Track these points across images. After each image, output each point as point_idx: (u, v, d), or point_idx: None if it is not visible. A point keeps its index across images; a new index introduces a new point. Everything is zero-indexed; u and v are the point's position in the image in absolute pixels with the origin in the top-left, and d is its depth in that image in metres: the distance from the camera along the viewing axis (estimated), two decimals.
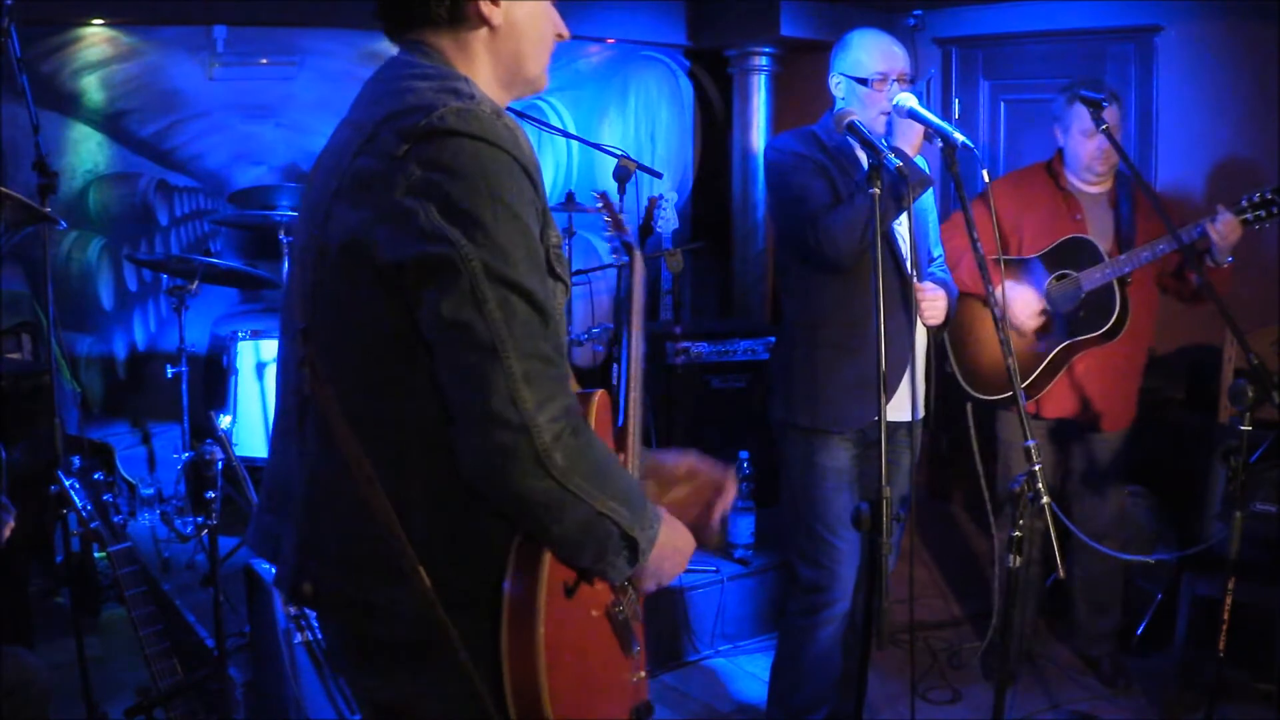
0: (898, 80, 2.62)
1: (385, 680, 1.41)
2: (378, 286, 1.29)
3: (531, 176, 1.31)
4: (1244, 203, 3.07)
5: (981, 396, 3.32)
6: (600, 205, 2.14)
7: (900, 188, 2.41)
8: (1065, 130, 3.27)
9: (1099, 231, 3.27)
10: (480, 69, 1.43)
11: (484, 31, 1.42)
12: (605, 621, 1.49)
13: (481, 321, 1.24)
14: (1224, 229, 3.00)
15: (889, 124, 2.58)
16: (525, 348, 1.25)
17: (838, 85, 2.70)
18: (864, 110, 2.60)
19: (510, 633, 1.31)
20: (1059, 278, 3.24)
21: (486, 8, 1.40)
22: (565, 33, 1.52)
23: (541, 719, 1.30)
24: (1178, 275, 3.29)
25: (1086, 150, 3.23)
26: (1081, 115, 3.19)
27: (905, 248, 2.63)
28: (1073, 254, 3.23)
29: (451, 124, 1.26)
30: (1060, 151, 3.35)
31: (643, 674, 1.62)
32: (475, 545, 1.34)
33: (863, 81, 2.63)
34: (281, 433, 1.51)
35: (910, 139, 2.54)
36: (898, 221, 2.66)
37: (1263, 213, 3.06)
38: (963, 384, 3.33)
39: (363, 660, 1.43)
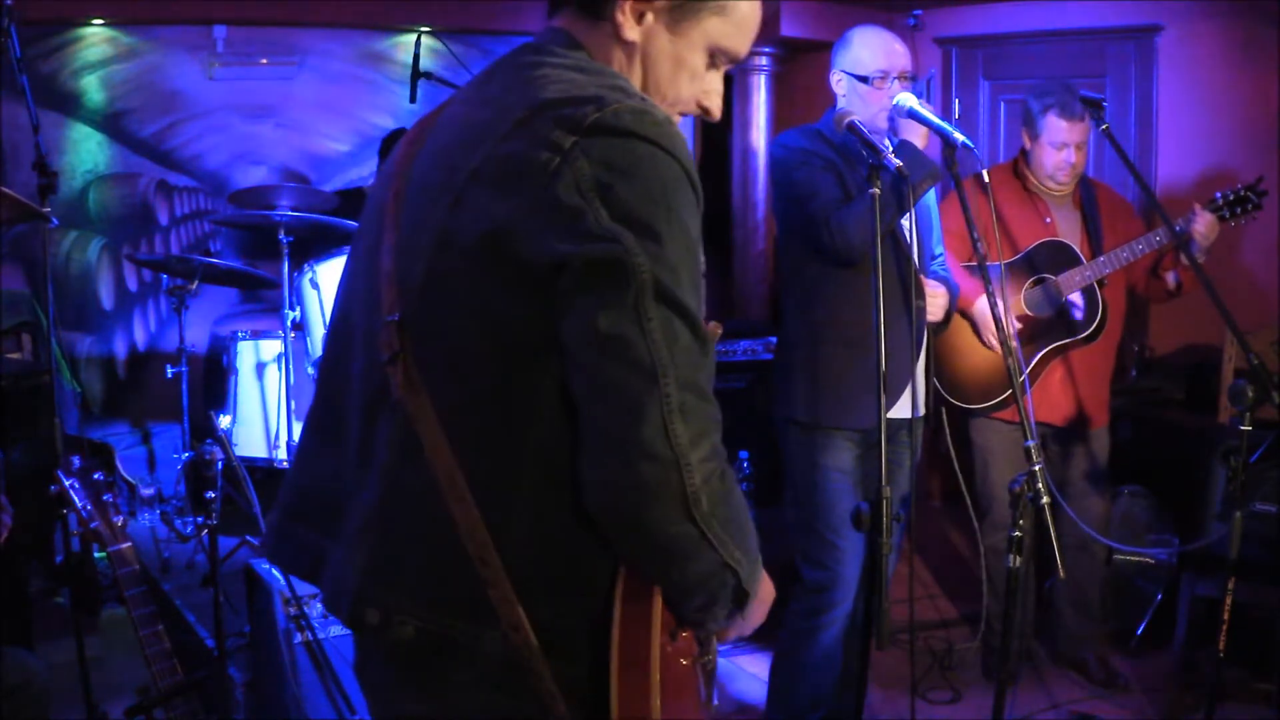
0: (899, 78, 2.62)
1: (439, 714, 1.27)
2: (517, 285, 1.16)
3: (698, 193, 1.20)
4: (1219, 199, 3.09)
5: (961, 404, 3.31)
6: None
7: (902, 186, 2.41)
8: (1035, 138, 3.24)
9: (1068, 233, 3.27)
10: None
11: (618, 49, 1.30)
12: (693, 671, 1.38)
13: (643, 341, 1.11)
14: (1204, 228, 3.03)
15: (892, 119, 2.58)
16: (684, 377, 1.13)
17: (839, 83, 2.69)
18: (865, 107, 2.60)
19: (622, 678, 1.19)
20: (1035, 282, 3.24)
21: (624, 18, 1.28)
22: (714, 112, 1.38)
23: None
24: (1153, 273, 3.30)
25: (1053, 161, 3.21)
26: (1051, 128, 3.18)
27: (913, 243, 2.63)
28: (1048, 257, 3.23)
29: (628, 123, 1.15)
30: (1024, 153, 3.34)
31: None
32: (578, 585, 1.22)
33: (863, 79, 2.63)
34: (323, 440, 1.37)
35: (916, 131, 2.54)
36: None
37: (1238, 209, 3.07)
38: (940, 390, 3.33)
39: (421, 699, 1.28)
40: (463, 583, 1.19)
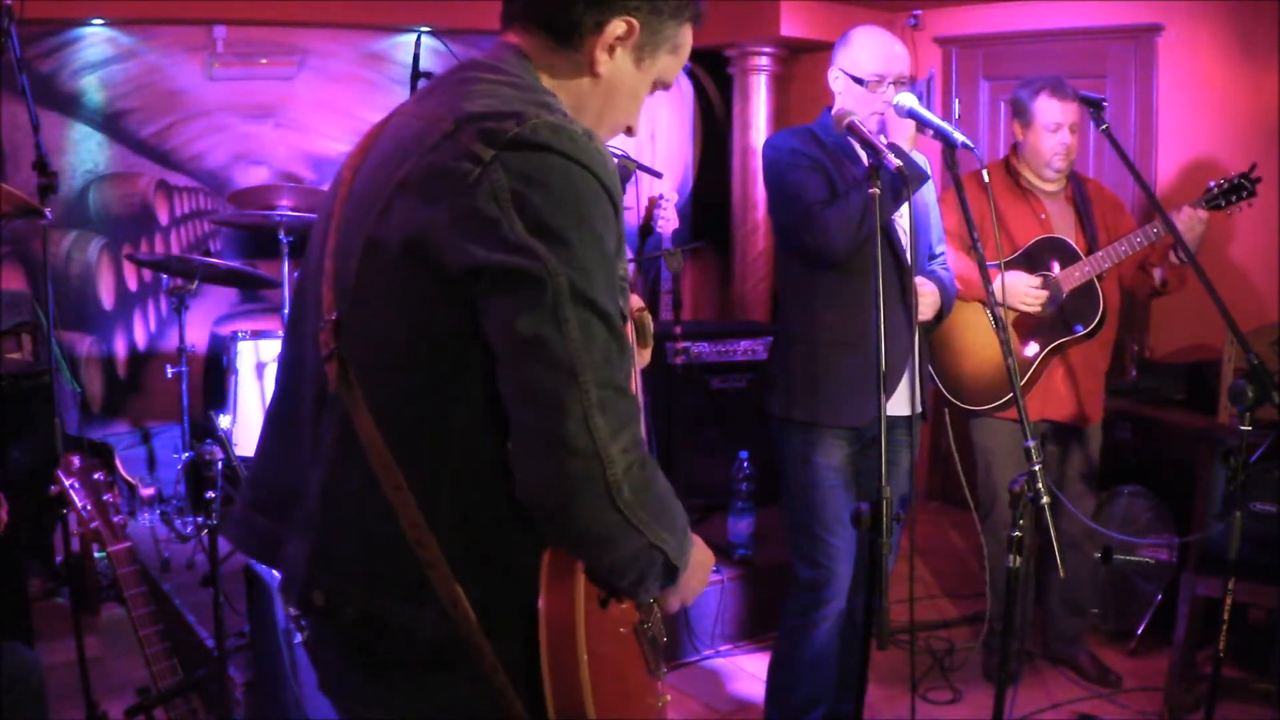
0: (895, 83, 2.62)
1: (388, 699, 1.34)
2: (439, 287, 1.22)
3: (616, 205, 1.26)
4: (1212, 188, 3.10)
5: (966, 406, 3.31)
6: None
7: (899, 184, 2.41)
8: (1027, 125, 3.24)
9: (1062, 229, 3.28)
10: (564, 101, 1.36)
11: (587, 79, 1.38)
12: (633, 639, 1.44)
13: (561, 341, 1.17)
14: (1185, 220, 3.04)
15: (882, 122, 2.58)
16: (603, 374, 1.19)
17: (835, 80, 2.70)
18: (857, 108, 2.60)
19: (551, 652, 1.25)
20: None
21: (601, 54, 1.36)
22: (635, 128, 1.48)
23: None
24: (1140, 269, 3.32)
25: (1049, 145, 3.21)
26: (1044, 109, 3.19)
27: (906, 242, 2.64)
28: (1046, 255, 3.23)
29: (545, 138, 1.21)
30: (1015, 149, 3.35)
31: (668, 698, 1.56)
32: (507, 566, 1.28)
33: (859, 80, 2.63)
34: (280, 433, 1.44)
35: (905, 134, 2.54)
36: (899, 214, 2.66)
37: (1232, 197, 3.09)
38: (944, 391, 3.32)
39: (367, 678, 1.35)
40: (402, 566, 1.26)
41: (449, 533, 1.25)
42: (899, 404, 2.66)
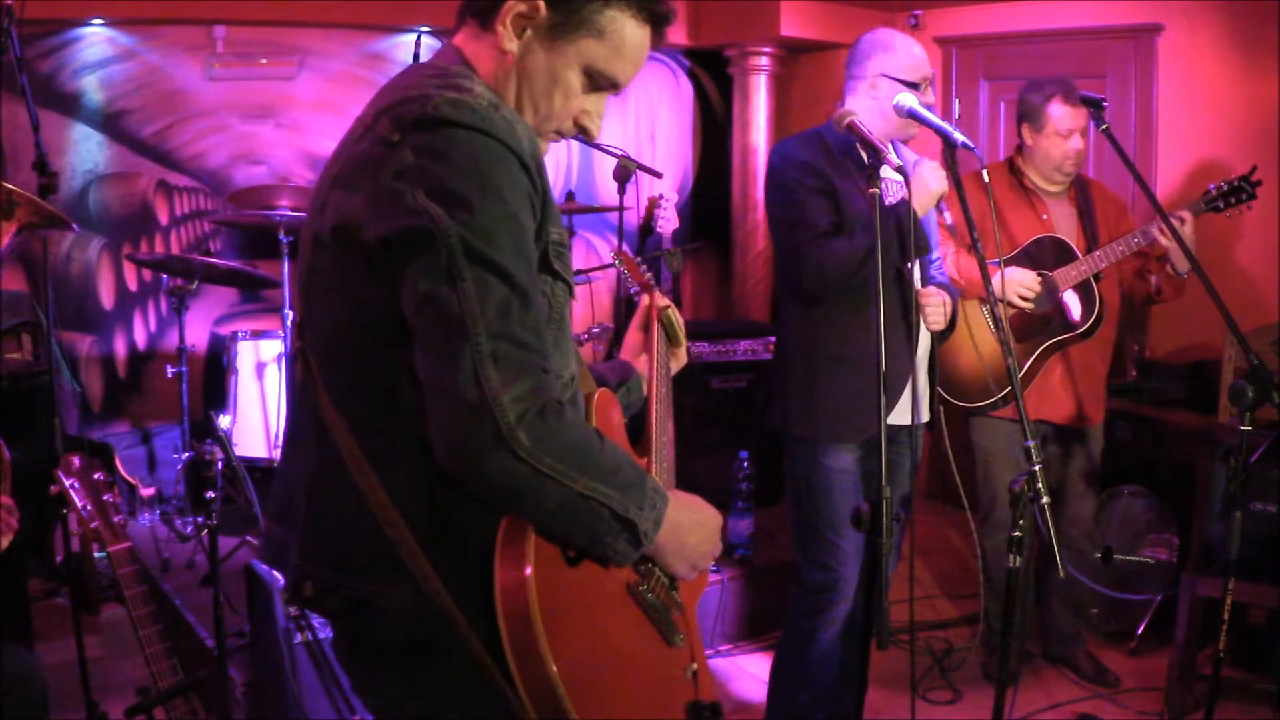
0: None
1: (396, 691, 1.37)
2: (367, 269, 1.28)
3: (528, 168, 1.29)
4: (1212, 190, 3.11)
5: (959, 403, 3.31)
6: (619, 261, 2.08)
7: (904, 223, 2.40)
8: (1038, 129, 3.24)
9: (1064, 230, 3.29)
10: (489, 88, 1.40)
11: (498, 61, 1.40)
12: (631, 601, 1.41)
13: (455, 297, 1.21)
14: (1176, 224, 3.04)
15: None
16: (496, 327, 1.21)
17: (874, 87, 2.64)
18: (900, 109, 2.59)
19: (507, 621, 1.24)
20: None
21: (504, 29, 1.37)
22: (592, 132, 1.47)
23: (555, 699, 1.23)
24: (1139, 276, 3.32)
25: (1060, 150, 3.22)
26: (1057, 116, 3.19)
27: (913, 267, 2.62)
28: (1044, 254, 3.23)
29: (445, 113, 1.26)
30: (1019, 149, 3.35)
31: (696, 667, 1.53)
32: (468, 539, 1.30)
33: (912, 85, 2.60)
34: (289, 438, 1.49)
35: (923, 199, 2.51)
36: None
37: (1232, 199, 3.10)
38: (939, 390, 3.32)
39: (370, 667, 1.39)
40: (375, 548, 1.30)
41: (414, 510, 1.29)
42: (901, 414, 2.64)
